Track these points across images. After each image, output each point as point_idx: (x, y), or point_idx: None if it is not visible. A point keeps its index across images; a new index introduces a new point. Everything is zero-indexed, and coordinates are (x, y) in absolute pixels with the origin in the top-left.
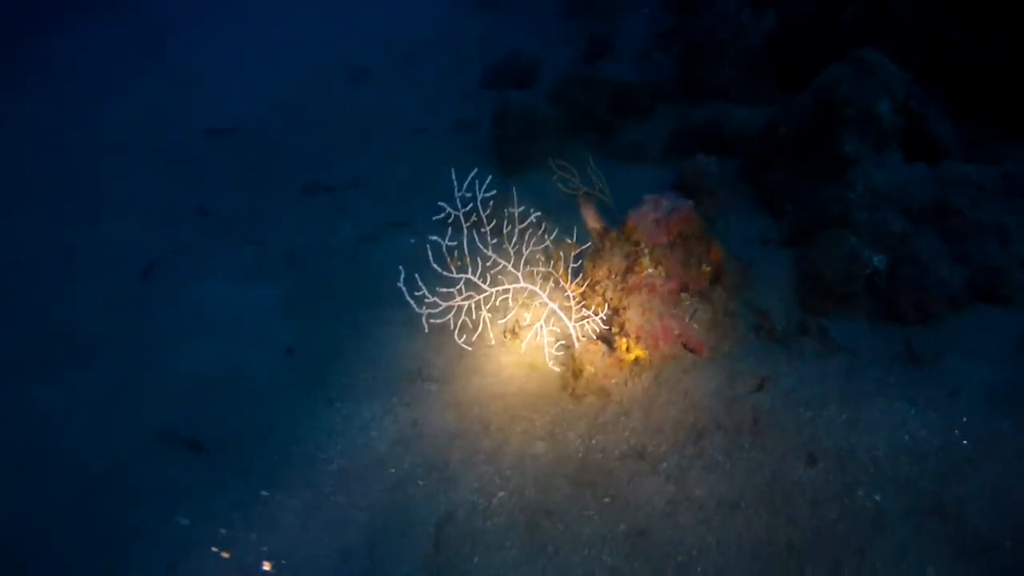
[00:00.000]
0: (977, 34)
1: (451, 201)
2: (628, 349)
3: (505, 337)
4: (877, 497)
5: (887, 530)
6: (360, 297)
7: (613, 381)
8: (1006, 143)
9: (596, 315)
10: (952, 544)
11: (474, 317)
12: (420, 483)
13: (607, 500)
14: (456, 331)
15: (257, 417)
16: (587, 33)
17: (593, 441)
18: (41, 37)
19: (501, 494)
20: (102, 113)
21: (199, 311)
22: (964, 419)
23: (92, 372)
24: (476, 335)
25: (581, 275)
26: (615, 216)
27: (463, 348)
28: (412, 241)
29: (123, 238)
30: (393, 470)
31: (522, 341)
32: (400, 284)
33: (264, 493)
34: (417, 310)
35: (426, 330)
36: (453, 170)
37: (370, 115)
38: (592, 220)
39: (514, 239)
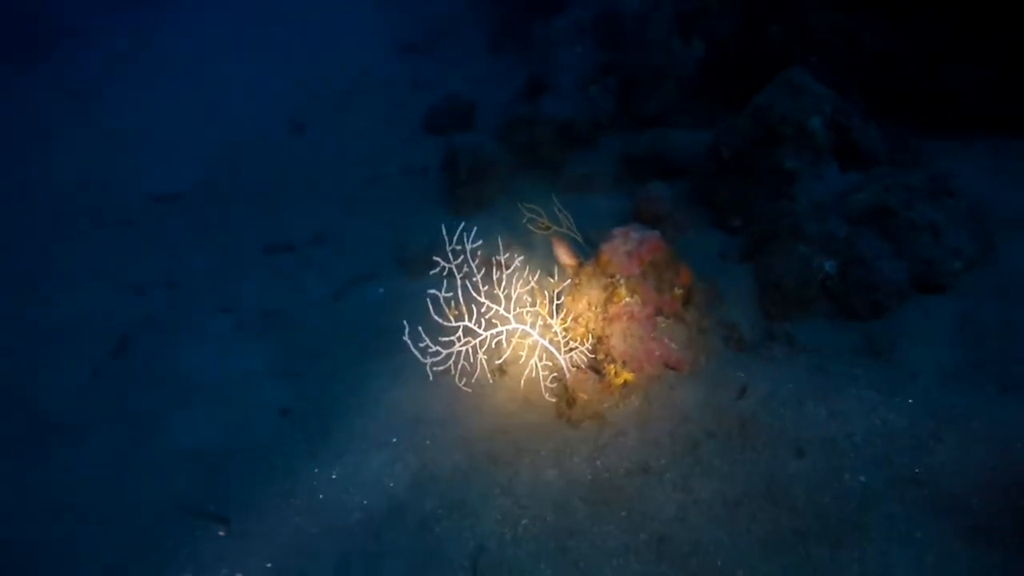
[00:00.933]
0: (887, 38)
1: (409, 250)
2: (616, 374)
3: (494, 376)
4: (862, 478)
5: (875, 505)
6: (344, 352)
7: (605, 405)
8: (920, 140)
9: (582, 346)
10: (931, 508)
11: (470, 360)
12: (445, 522)
13: (624, 514)
14: (456, 375)
15: (271, 480)
16: (516, 71)
17: (598, 463)
18: None
19: (525, 521)
20: (33, 178)
21: (185, 382)
22: (924, 399)
23: (89, 453)
24: (472, 376)
25: (563, 309)
26: (584, 249)
27: (456, 390)
28: (381, 291)
29: (86, 311)
30: (415, 513)
31: (513, 378)
32: (406, 338)
33: (296, 555)
34: (422, 360)
35: (431, 378)
36: (444, 226)
37: (317, 167)
38: (565, 257)
39: (503, 284)
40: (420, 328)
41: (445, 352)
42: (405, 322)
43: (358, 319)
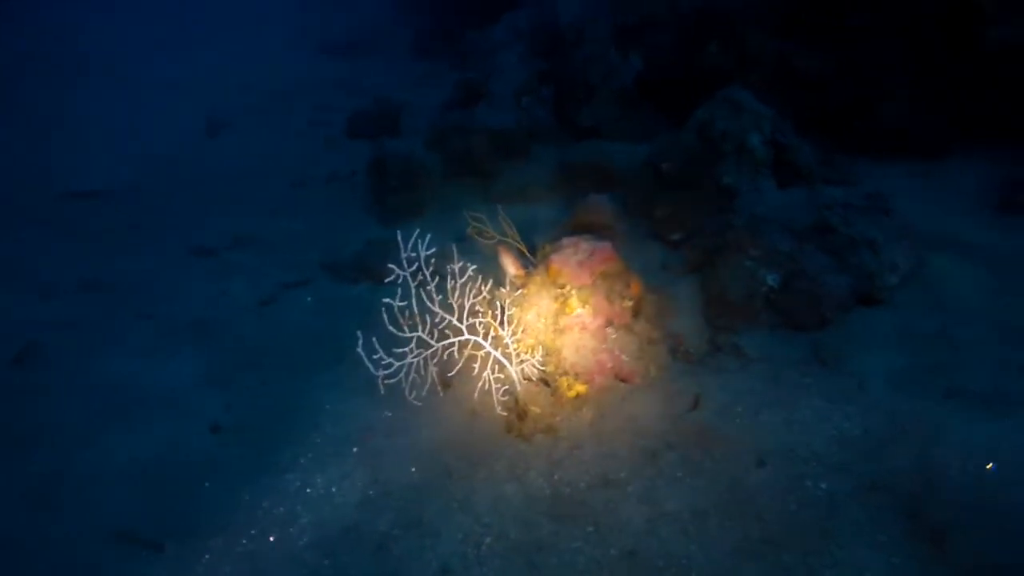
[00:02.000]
0: (819, 62)
1: (339, 257)
2: (569, 387)
3: (443, 389)
4: (824, 485)
5: (840, 510)
6: (278, 362)
7: (558, 418)
8: (847, 159)
9: (531, 357)
10: (893, 511)
11: (413, 372)
12: (403, 542)
13: (590, 529)
14: (407, 387)
15: (210, 500)
16: (444, 76)
17: (556, 476)
18: None
19: (488, 539)
20: None
21: (109, 394)
22: (875, 406)
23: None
24: (421, 389)
25: (512, 320)
26: (527, 259)
27: (402, 402)
28: (309, 300)
29: None
30: (370, 533)
31: (459, 390)
32: (359, 349)
33: None
34: (374, 372)
35: (382, 391)
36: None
37: (239, 169)
38: (512, 266)
39: (456, 293)
40: (372, 339)
41: (397, 364)
42: (359, 333)
43: (290, 328)
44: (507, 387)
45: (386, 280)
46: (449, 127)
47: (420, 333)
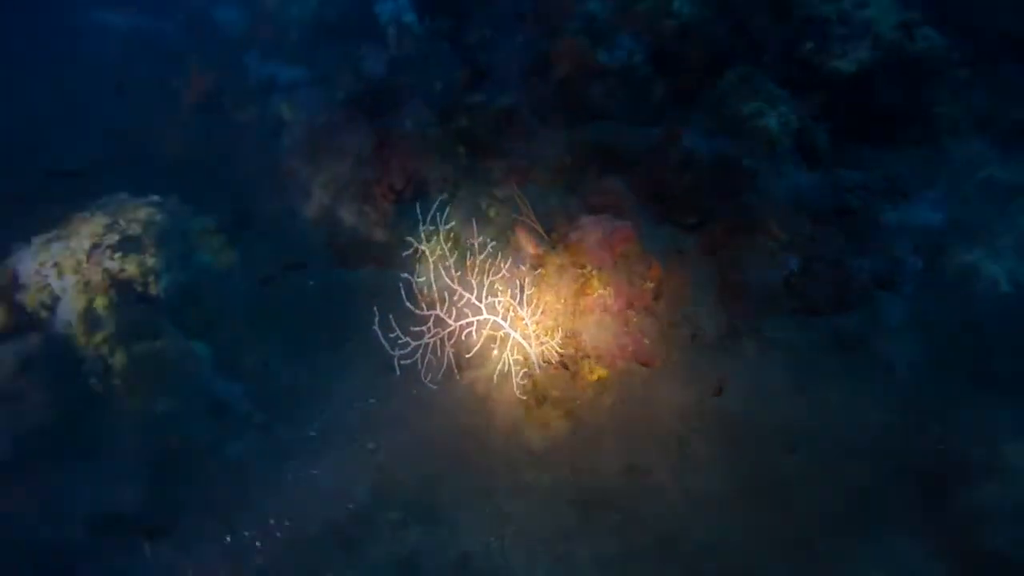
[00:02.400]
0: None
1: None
2: (591, 370)
3: (460, 372)
4: (857, 471)
5: (874, 496)
6: (282, 343)
7: (579, 403)
8: (854, 145)
9: (551, 339)
10: (928, 497)
11: (437, 354)
12: (419, 530)
13: (618, 517)
14: (423, 369)
15: (213, 485)
16: (447, 56)
17: (579, 463)
18: None
19: (511, 528)
20: None
21: None
22: (903, 392)
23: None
24: (436, 372)
25: (531, 300)
26: (544, 239)
27: (411, 387)
28: (312, 283)
29: None
30: (384, 521)
31: (474, 373)
32: (375, 327)
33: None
34: (390, 351)
35: (398, 372)
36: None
37: (235, 149)
38: (529, 245)
39: (475, 270)
40: (378, 321)
41: (414, 344)
42: (375, 308)
43: (293, 308)
44: (526, 370)
45: (404, 254)
46: (455, 106)
47: (438, 311)
